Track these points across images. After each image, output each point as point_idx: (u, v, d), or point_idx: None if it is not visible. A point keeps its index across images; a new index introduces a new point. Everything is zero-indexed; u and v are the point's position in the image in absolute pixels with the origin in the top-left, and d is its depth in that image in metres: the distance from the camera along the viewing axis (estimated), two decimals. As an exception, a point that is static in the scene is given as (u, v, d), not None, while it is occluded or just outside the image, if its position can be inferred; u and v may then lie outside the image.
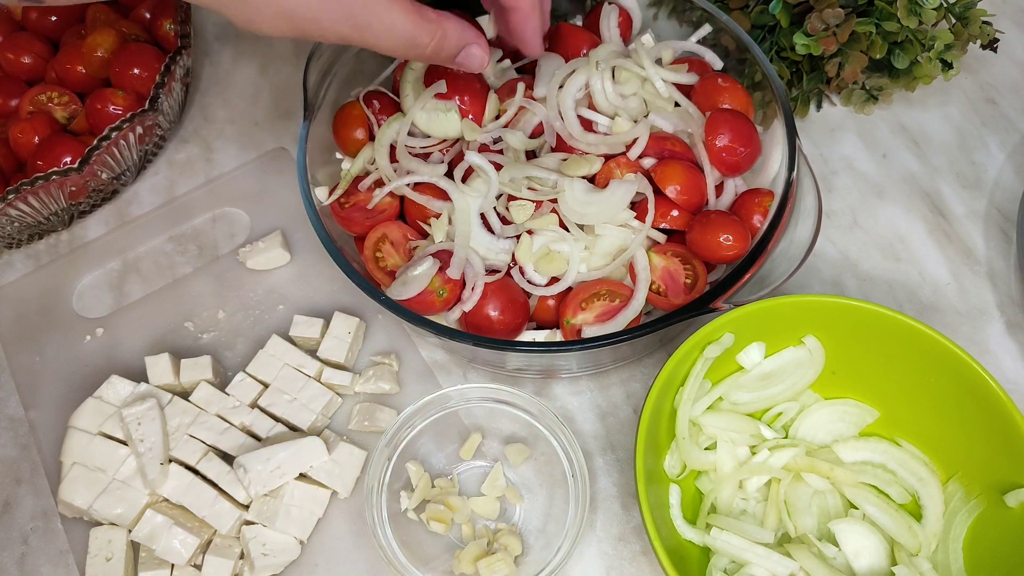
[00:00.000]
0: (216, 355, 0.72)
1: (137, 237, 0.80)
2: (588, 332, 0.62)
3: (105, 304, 0.77)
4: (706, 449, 0.62)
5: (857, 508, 0.61)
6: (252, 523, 0.63)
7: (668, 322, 0.58)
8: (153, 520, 0.61)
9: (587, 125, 0.69)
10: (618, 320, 0.62)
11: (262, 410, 0.67)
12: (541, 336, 0.64)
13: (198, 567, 0.62)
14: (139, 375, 0.69)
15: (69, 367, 0.73)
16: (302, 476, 0.63)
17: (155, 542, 0.61)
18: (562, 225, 0.64)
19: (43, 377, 0.72)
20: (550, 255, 0.63)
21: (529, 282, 0.64)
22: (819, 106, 0.84)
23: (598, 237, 0.64)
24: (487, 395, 0.64)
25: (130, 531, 0.62)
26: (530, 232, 0.64)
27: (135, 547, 0.63)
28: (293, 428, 0.67)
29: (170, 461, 0.64)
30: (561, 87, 0.69)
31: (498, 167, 0.67)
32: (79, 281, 0.78)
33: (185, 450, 0.64)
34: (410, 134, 0.70)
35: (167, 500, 0.63)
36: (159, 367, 0.68)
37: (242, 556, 0.63)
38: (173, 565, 0.61)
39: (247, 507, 0.63)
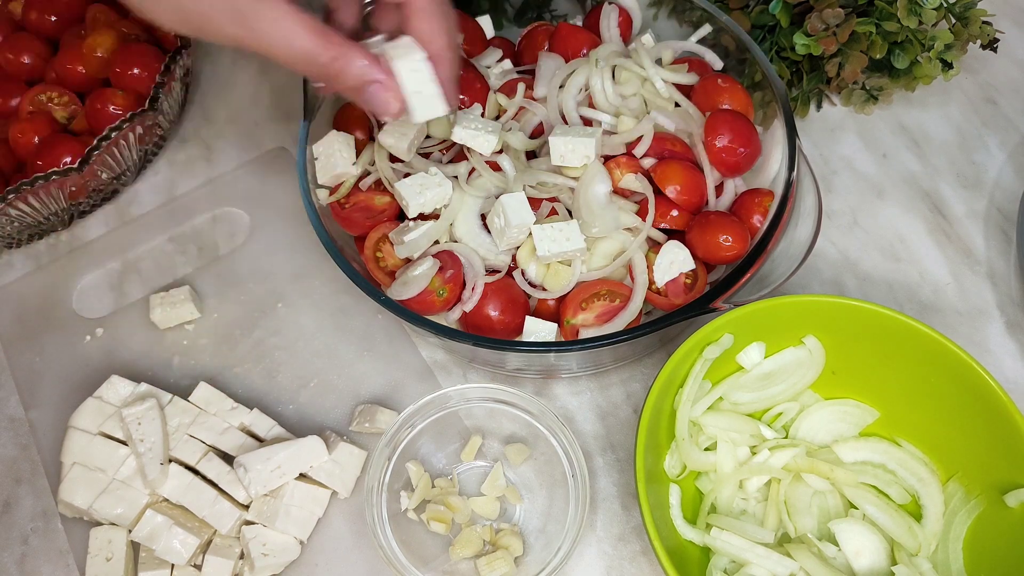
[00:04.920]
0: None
1: (137, 237, 0.80)
2: (588, 332, 0.62)
3: (105, 304, 0.77)
4: (706, 449, 0.62)
5: (857, 508, 0.61)
6: (252, 523, 0.63)
7: (668, 322, 0.58)
8: (153, 520, 0.61)
9: (588, 125, 0.69)
10: (617, 321, 0.62)
11: None
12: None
13: (198, 567, 0.62)
14: (139, 375, 0.69)
15: (69, 367, 0.73)
16: (302, 476, 0.63)
17: (155, 542, 0.60)
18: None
19: (43, 377, 0.72)
20: (554, 269, 0.63)
21: (530, 283, 0.64)
22: (819, 106, 0.84)
23: (599, 239, 0.64)
24: (487, 395, 0.64)
25: (130, 531, 0.62)
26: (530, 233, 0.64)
27: (135, 547, 0.63)
28: None
29: (170, 461, 0.64)
30: (561, 87, 0.69)
31: (496, 167, 0.67)
32: (79, 281, 0.78)
33: (185, 450, 0.64)
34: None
35: (167, 500, 0.63)
36: None
37: (242, 556, 0.63)
38: (173, 565, 0.61)
39: (247, 507, 0.63)
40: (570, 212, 0.66)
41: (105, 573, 0.61)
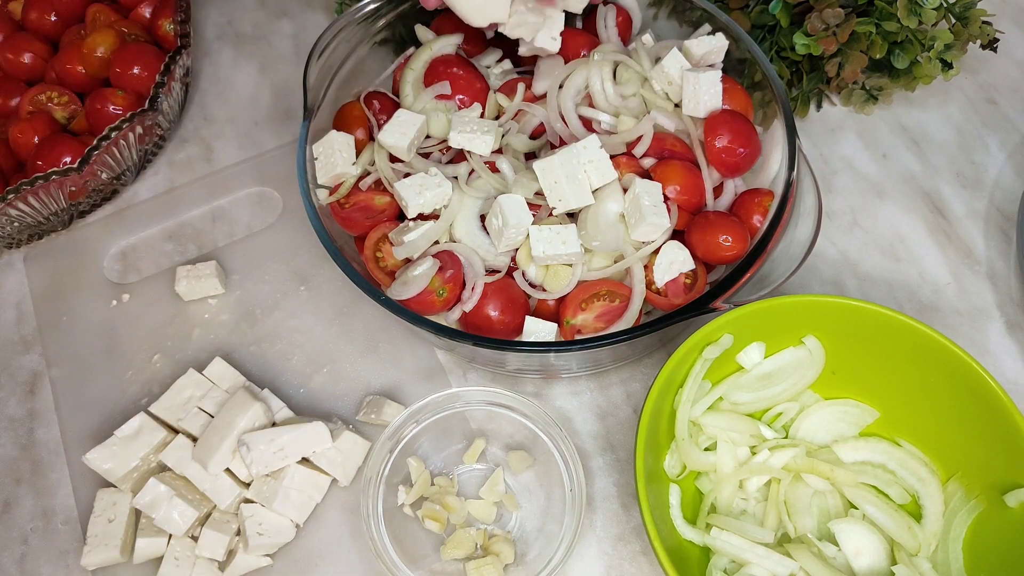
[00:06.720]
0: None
1: (178, 207, 0.81)
2: (588, 332, 0.62)
3: (133, 271, 0.78)
4: (706, 449, 0.62)
5: (857, 508, 0.61)
6: (251, 501, 0.63)
7: (668, 322, 0.58)
8: (156, 489, 0.61)
9: (587, 125, 0.69)
10: (617, 323, 0.62)
11: None
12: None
13: (195, 539, 0.62)
14: (159, 344, 0.72)
15: (94, 329, 0.74)
16: (304, 461, 0.63)
17: (155, 511, 0.61)
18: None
19: (67, 336, 0.74)
20: (554, 270, 0.63)
21: (530, 284, 0.64)
22: (819, 106, 0.84)
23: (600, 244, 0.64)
24: (493, 399, 0.63)
25: (134, 495, 0.63)
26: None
27: (137, 514, 0.64)
28: None
29: (177, 433, 0.64)
30: (561, 87, 0.69)
31: (493, 167, 0.66)
32: (112, 246, 0.79)
33: (194, 422, 0.64)
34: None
35: (171, 469, 0.63)
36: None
37: (238, 533, 0.63)
38: (171, 535, 0.62)
39: (248, 485, 0.63)
40: (569, 214, 0.65)
41: (105, 533, 0.62)
